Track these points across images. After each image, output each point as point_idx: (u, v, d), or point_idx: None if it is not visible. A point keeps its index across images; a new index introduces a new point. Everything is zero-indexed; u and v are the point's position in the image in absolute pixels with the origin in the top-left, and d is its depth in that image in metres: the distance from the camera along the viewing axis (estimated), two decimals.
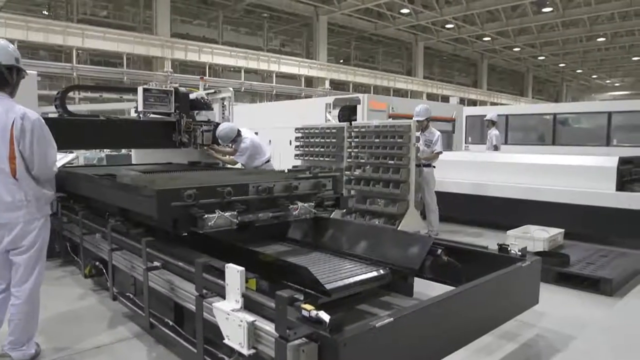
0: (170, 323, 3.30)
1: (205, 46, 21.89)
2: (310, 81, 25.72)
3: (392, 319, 2.25)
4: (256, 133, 10.73)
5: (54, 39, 18.17)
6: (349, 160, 6.74)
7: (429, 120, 6.87)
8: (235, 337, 2.41)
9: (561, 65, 36.52)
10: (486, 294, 3.08)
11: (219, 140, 6.22)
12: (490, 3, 22.16)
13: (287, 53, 26.44)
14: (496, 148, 9.48)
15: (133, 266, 3.74)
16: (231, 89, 6.72)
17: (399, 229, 6.03)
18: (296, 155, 7.70)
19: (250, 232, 4.33)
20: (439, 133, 6.84)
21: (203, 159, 6.77)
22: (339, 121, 8.45)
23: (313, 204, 4.24)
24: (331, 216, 6.96)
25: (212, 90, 6.84)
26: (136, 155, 8.49)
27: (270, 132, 10.08)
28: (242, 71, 22.77)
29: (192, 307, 2.90)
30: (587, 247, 5.66)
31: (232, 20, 26.28)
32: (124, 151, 12.16)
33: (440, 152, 6.79)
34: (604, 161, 6.43)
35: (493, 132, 9.62)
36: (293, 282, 3.31)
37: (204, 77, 7.72)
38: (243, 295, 2.52)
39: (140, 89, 5.89)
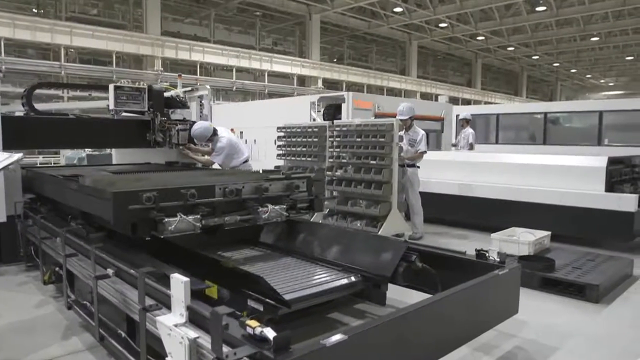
0: (123, 335, 3.08)
1: (196, 44, 21.66)
2: (303, 80, 25.50)
3: (345, 336, 2.03)
4: (241, 132, 10.58)
5: (41, 37, 17.91)
6: (331, 160, 6.52)
7: (413, 119, 6.66)
8: (177, 355, 2.20)
9: (555, 64, 36.41)
10: (460, 304, 2.87)
11: (194, 140, 6.00)
12: (483, 2, 21.98)
13: (279, 52, 26.22)
14: (472, 147, 9.36)
15: (90, 273, 3.52)
16: (208, 86, 6.48)
17: (380, 231, 5.83)
18: (278, 155, 7.47)
19: (221, 235, 4.14)
20: (423, 132, 6.63)
21: (181, 159, 6.55)
22: (324, 120, 8.22)
23: (285, 206, 4.03)
24: (312, 219, 6.77)
25: (189, 88, 6.61)
26: (116, 155, 8.29)
27: (256, 132, 9.87)
28: (234, 70, 22.55)
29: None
30: (574, 250, 5.46)
31: (225, 19, 26.07)
32: (108, 151, 11.90)
33: (425, 152, 6.58)
34: (592, 161, 6.22)
35: (469, 131, 9.49)
36: (255, 292, 3.11)
37: (182, 75, 7.43)
38: (188, 308, 2.31)
39: (111, 87, 5.66)
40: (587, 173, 6.13)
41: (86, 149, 11.57)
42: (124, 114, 6.08)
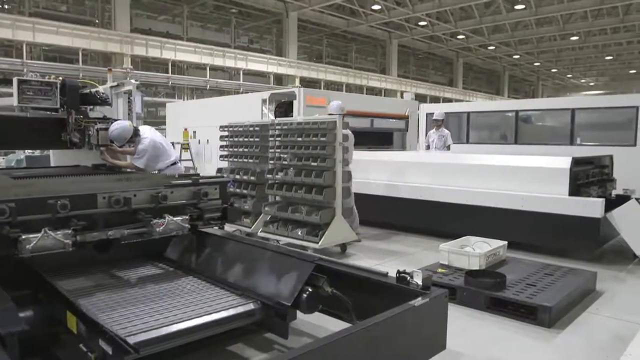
0: None
1: (167, 42, 20.93)
2: (280, 79, 24.88)
3: None
4: (194, 132, 9.93)
5: (1, 33, 17.10)
6: (272, 162, 5.91)
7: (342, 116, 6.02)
8: None
9: (536, 64, 36.20)
10: (368, 341, 2.29)
11: (114, 142, 5.35)
12: None
13: (256, 50, 25.55)
14: (449, 148, 8.78)
15: None
16: (133, 81, 5.83)
17: (322, 240, 5.25)
18: (221, 156, 6.85)
19: (119, 251, 3.54)
20: (346, 133, 5.85)
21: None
22: (276, 118, 7.62)
23: (188, 217, 3.44)
24: (253, 226, 6.17)
25: (115, 83, 5.96)
26: (54, 157, 7.67)
27: (208, 131, 9.24)
28: (207, 68, 21.89)
29: None
30: (531, 263, 4.89)
31: (200, 17, 25.31)
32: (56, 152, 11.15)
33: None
34: (555, 162, 5.67)
35: (446, 132, 8.87)
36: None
37: (112, 69, 6.77)
38: None
39: (15, 80, 5.00)
40: (550, 175, 5.59)
41: (25, 151, 10.77)
42: (43, 111, 5.44)
